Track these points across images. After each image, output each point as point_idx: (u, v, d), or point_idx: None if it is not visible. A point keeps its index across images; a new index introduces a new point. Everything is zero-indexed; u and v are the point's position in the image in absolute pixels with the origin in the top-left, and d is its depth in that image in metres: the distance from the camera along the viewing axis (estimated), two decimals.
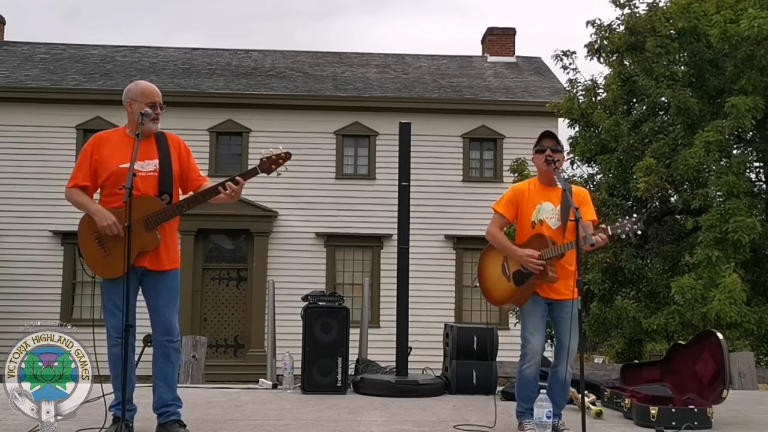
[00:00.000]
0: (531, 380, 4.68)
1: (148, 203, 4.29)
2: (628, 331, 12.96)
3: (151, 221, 4.28)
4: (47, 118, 18.09)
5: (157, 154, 4.41)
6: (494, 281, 4.83)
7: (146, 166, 4.36)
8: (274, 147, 4.39)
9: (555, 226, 4.70)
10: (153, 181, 4.36)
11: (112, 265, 4.28)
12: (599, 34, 13.69)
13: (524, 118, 18.24)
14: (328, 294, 7.04)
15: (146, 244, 4.30)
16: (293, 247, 18.03)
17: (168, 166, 4.40)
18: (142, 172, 4.33)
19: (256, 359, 16.88)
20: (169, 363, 4.46)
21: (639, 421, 5.16)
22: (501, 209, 4.83)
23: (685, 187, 12.43)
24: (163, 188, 4.38)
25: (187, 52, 21.85)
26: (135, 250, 4.21)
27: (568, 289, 4.64)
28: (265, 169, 4.36)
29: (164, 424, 4.41)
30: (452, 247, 18.31)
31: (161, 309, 4.43)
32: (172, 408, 4.44)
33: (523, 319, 4.75)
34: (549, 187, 4.80)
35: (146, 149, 4.37)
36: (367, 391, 6.55)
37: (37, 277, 17.54)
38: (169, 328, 4.44)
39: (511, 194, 4.85)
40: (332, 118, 18.53)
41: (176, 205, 4.39)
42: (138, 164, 4.28)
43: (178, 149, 4.53)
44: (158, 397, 4.46)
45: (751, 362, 8.66)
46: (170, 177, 4.40)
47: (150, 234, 4.30)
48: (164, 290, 4.43)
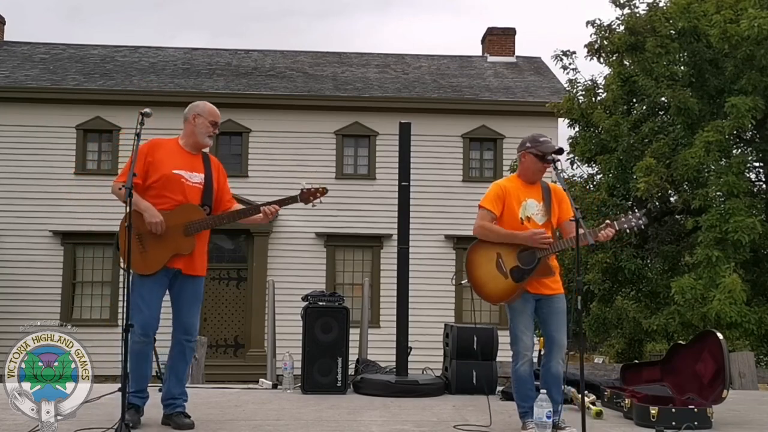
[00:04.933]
0: (527, 377, 4.70)
1: (190, 211, 4.63)
2: (628, 331, 12.98)
3: (191, 227, 4.61)
4: (47, 118, 18.08)
5: (203, 170, 4.77)
6: (488, 278, 4.75)
7: (193, 177, 4.72)
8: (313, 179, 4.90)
9: (541, 221, 4.76)
10: (198, 192, 4.71)
11: (147, 262, 4.57)
12: (599, 34, 13.70)
13: (524, 118, 18.22)
14: (328, 294, 7.02)
15: (182, 248, 4.60)
16: (293, 247, 18.03)
17: (210, 182, 4.77)
18: (190, 182, 4.69)
19: (256, 359, 16.88)
20: (183, 360, 4.76)
21: (639, 421, 5.16)
22: (489, 205, 4.77)
23: (685, 187, 12.44)
24: (206, 200, 4.73)
25: (187, 52, 21.84)
26: (170, 252, 4.57)
27: (557, 283, 4.76)
28: (304, 200, 4.77)
29: (170, 414, 4.66)
30: (452, 247, 18.31)
31: (185, 310, 4.73)
32: (178, 401, 4.70)
33: (514, 318, 4.74)
34: (531, 185, 4.84)
35: (194, 163, 4.77)
36: (367, 391, 6.54)
37: (37, 277, 17.53)
38: (189, 329, 4.75)
39: (499, 191, 4.81)
40: (332, 118, 18.53)
41: (216, 216, 4.73)
42: (187, 174, 4.69)
43: (218, 170, 4.90)
44: (167, 390, 4.72)
45: (751, 362, 8.65)
46: (212, 192, 4.77)
47: (187, 239, 4.61)
48: (191, 293, 4.74)
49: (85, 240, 17.84)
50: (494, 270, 4.73)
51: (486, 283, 4.78)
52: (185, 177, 4.66)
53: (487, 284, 4.77)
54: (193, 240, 4.62)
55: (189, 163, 4.71)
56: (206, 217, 4.66)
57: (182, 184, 4.65)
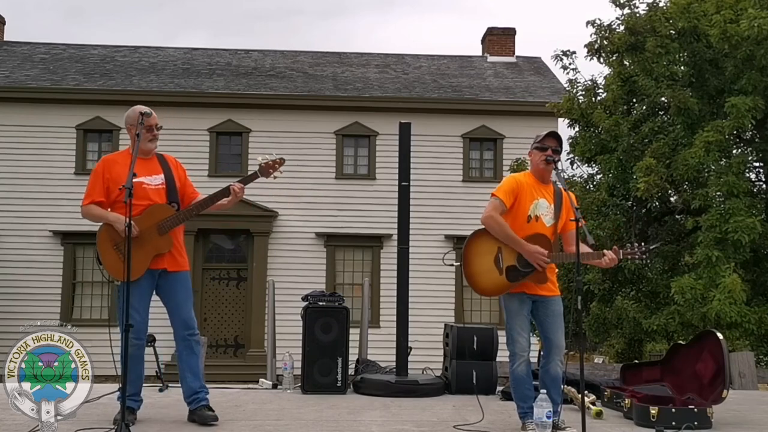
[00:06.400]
0: (525, 377, 4.70)
1: (160, 210, 4.77)
2: (628, 331, 12.97)
3: (164, 226, 4.74)
4: (47, 118, 18.08)
5: (161, 170, 4.91)
6: (483, 270, 4.71)
7: (154, 180, 4.86)
8: (268, 153, 4.93)
9: (549, 224, 4.74)
10: (162, 193, 4.85)
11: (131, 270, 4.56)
12: (599, 34, 13.69)
13: (524, 118, 18.23)
14: (328, 294, 7.03)
15: (160, 246, 4.74)
16: (293, 247, 18.02)
17: (172, 180, 4.93)
18: (152, 185, 4.82)
19: (256, 359, 16.87)
20: (192, 354, 4.88)
21: (639, 421, 5.16)
22: (502, 196, 4.71)
23: (685, 187, 12.44)
24: (171, 198, 4.87)
25: (187, 52, 21.84)
26: (150, 254, 4.70)
27: (555, 284, 4.79)
28: (264, 173, 4.87)
29: (194, 410, 4.81)
30: (452, 247, 18.29)
31: (180, 306, 4.84)
32: (200, 394, 4.84)
33: (511, 319, 4.74)
34: (543, 183, 4.82)
35: (151, 166, 4.89)
36: (367, 391, 6.54)
37: (37, 277, 17.53)
38: (189, 323, 4.86)
39: (514, 183, 4.78)
40: (332, 118, 18.53)
41: (185, 210, 4.87)
42: (147, 179, 4.80)
43: (176, 167, 5.03)
44: (187, 387, 4.85)
45: (751, 362, 8.65)
46: (175, 189, 4.92)
47: (164, 238, 4.74)
48: (181, 288, 4.86)
49: (85, 240, 17.79)
50: (491, 263, 4.71)
51: (479, 274, 4.75)
52: (146, 182, 4.79)
53: (480, 275, 4.75)
54: (170, 237, 4.76)
55: (145, 168, 4.82)
56: (176, 212, 4.80)
57: (145, 190, 4.76)
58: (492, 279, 4.71)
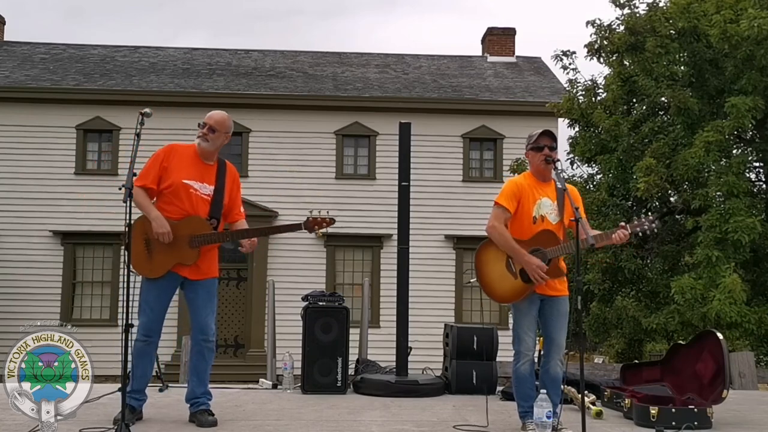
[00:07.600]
0: (528, 377, 4.70)
1: (197, 223, 4.73)
2: (628, 331, 12.97)
3: (196, 240, 4.70)
4: (47, 118, 18.08)
5: (215, 182, 4.84)
6: (497, 277, 4.73)
7: (204, 188, 4.79)
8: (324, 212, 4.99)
9: (555, 221, 4.73)
10: (206, 204, 4.79)
11: (153, 267, 4.69)
12: (599, 34, 13.70)
13: (524, 118, 18.21)
14: (328, 294, 7.03)
15: (185, 258, 4.71)
16: (293, 247, 18.01)
17: (220, 197, 4.84)
18: (200, 192, 4.77)
19: (256, 359, 16.88)
20: (203, 360, 4.85)
21: (639, 421, 5.16)
22: (505, 203, 4.71)
23: (685, 187, 12.44)
24: (214, 213, 4.82)
25: (187, 52, 21.84)
26: (173, 260, 4.68)
27: (562, 284, 4.76)
28: (308, 228, 4.94)
29: (195, 413, 4.81)
30: (452, 247, 18.31)
31: (199, 311, 4.83)
32: (201, 399, 4.83)
33: (519, 319, 4.74)
34: (544, 182, 4.81)
35: (207, 173, 4.82)
36: (367, 391, 6.54)
37: (37, 277, 17.53)
38: (205, 329, 4.81)
39: (514, 188, 4.77)
40: (332, 118, 18.53)
41: (222, 234, 4.87)
42: (197, 184, 4.76)
43: (232, 182, 4.95)
44: (190, 390, 4.86)
45: (751, 362, 8.65)
46: (221, 206, 4.85)
47: (192, 251, 4.71)
48: (202, 294, 4.83)
49: (85, 240, 17.84)
50: (504, 269, 4.71)
51: (495, 282, 4.76)
52: (194, 187, 4.74)
53: (496, 282, 4.75)
54: (198, 252, 4.72)
55: (200, 173, 4.78)
56: (212, 232, 4.76)
57: (191, 194, 4.73)
58: (508, 284, 4.71)
